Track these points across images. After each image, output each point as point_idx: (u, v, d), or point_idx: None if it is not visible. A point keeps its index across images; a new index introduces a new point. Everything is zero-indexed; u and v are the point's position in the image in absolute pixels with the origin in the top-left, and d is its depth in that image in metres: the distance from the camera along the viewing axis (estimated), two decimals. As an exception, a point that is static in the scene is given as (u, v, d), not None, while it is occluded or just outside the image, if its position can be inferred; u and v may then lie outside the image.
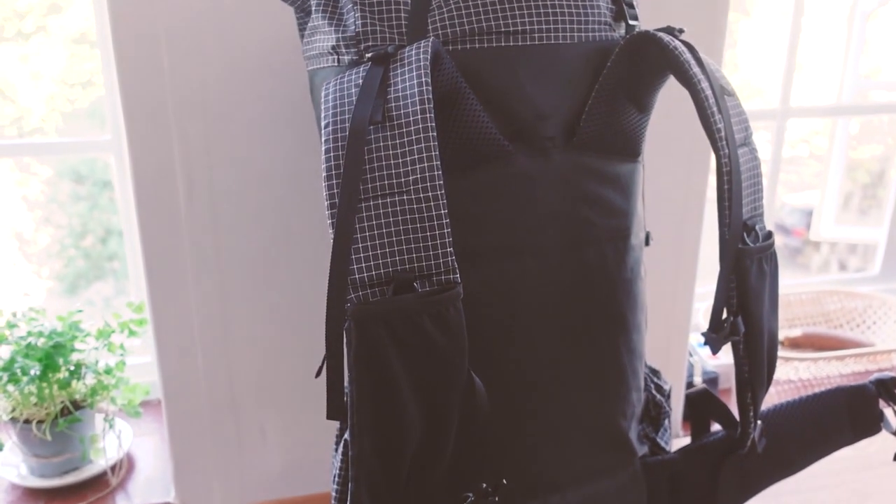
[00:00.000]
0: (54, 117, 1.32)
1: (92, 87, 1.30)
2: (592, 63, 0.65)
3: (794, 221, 4.09)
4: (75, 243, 1.51)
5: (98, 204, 1.47)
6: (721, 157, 0.61)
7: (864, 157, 2.39)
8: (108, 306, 1.56)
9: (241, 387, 0.91)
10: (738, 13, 1.97)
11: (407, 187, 0.54)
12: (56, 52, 1.25)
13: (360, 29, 0.62)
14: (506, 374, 0.66)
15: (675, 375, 1.01)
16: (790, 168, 3.33)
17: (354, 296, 0.54)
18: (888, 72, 1.70)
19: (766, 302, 0.65)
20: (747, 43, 2.09)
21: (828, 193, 1.56)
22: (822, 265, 2.90)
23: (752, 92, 2.19)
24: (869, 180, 2.47)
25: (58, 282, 1.55)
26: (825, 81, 1.65)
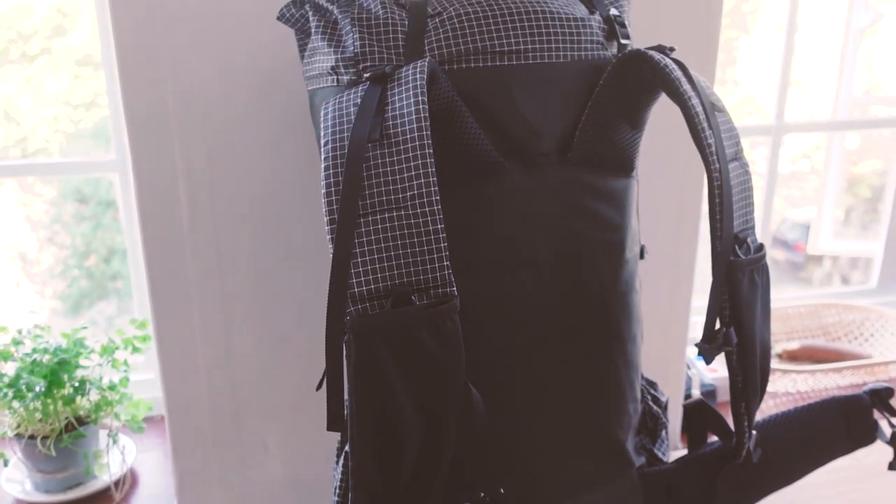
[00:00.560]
0: (58, 138, 1.34)
1: (96, 108, 1.32)
2: (585, 81, 0.66)
3: (796, 237, 4.09)
4: (79, 263, 1.52)
5: (101, 224, 1.49)
6: (712, 172, 0.63)
7: (865, 171, 2.40)
8: (112, 325, 1.57)
9: (243, 401, 0.92)
10: (737, 30, 1.99)
11: (404, 203, 0.55)
12: (60, 73, 1.28)
13: (358, 50, 0.64)
14: (502, 385, 0.67)
15: (673, 388, 1.02)
16: (792, 183, 3.34)
17: (353, 309, 0.55)
18: (884, 87, 1.72)
19: (758, 312, 0.66)
20: (747, 60, 2.11)
21: (825, 207, 1.57)
22: (823, 280, 2.90)
23: (754, 108, 2.21)
24: (870, 195, 2.48)
25: (61, 302, 1.56)
26: (821, 97, 1.67)
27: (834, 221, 1.65)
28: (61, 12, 1.24)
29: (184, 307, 0.87)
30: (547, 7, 0.65)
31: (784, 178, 3.12)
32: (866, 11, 1.61)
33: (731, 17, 1.91)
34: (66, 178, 1.40)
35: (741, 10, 1.84)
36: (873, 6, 1.61)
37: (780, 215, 3.65)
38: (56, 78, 1.27)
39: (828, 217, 1.59)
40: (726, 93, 2.31)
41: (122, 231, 1.15)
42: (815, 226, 1.62)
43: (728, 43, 2.00)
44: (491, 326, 0.66)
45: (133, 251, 1.14)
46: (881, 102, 1.59)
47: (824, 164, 1.50)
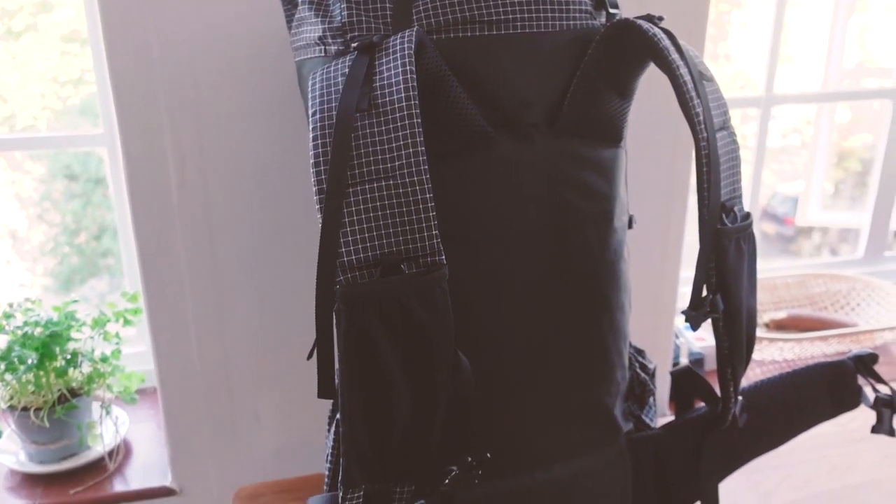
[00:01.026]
0: (46, 115, 1.33)
1: (83, 84, 1.31)
2: (574, 50, 0.66)
3: (786, 210, 4.12)
4: (69, 240, 1.52)
5: (91, 201, 1.48)
6: (700, 141, 0.63)
7: (855, 146, 2.42)
8: (103, 303, 1.57)
9: (235, 372, 0.92)
10: (729, 4, 1.98)
11: (393, 172, 0.56)
12: (47, 50, 1.26)
13: (346, 20, 0.63)
14: (491, 352, 0.68)
15: (661, 356, 1.03)
16: (782, 157, 3.35)
17: (343, 278, 0.55)
18: (875, 59, 1.72)
19: (744, 280, 0.67)
20: (739, 34, 2.10)
21: (814, 179, 1.58)
22: (812, 252, 2.92)
23: (745, 82, 2.21)
24: (861, 168, 2.49)
25: (52, 279, 1.56)
26: (812, 70, 1.67)
27: (822, 193, 1.66)
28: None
29: (175, 280, 0.87)
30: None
31: (774, 153, 3.13)
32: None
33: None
34: (55, 155, 1.39)
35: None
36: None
37: (770, 189, 3.67)
38: (43, 54, 1.26)
39: (816, 189, 1.60)
40: (718, 67, 2.30)
41: (112, 208, 1.15)
42: (803, 198, 1.63)
43: (719, 17, 1.99)
44: (479, 295, 0.67)
45: (123, 226, 1.14)
46: (871, 75, 1.59)
47: (813, 137, 1.50)
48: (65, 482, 0.97)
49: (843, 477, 0.89)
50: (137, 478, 0.98)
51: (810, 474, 0.90)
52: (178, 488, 0.96)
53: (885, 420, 0.75)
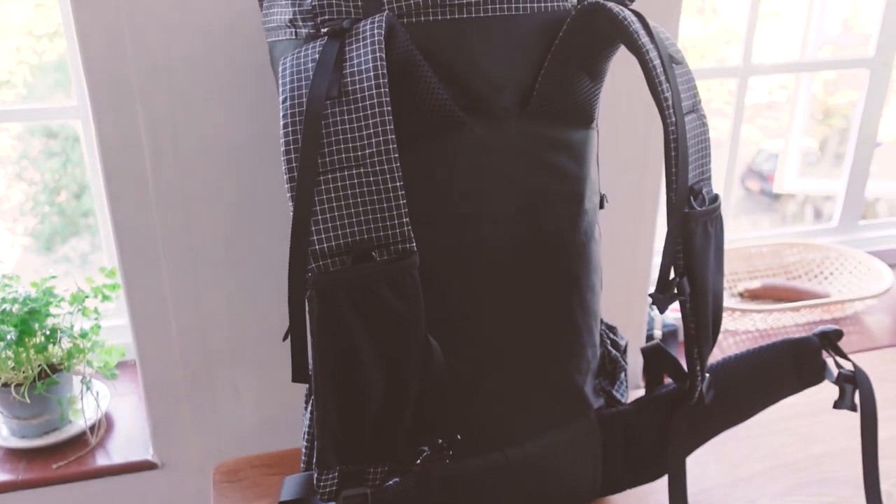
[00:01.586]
0: (22, 70, 1.31)
1: (60, 37, 1.28)
2: (545, 33, 0.67)
3: (771, 167, 4.12)
4: (49, 199, 1.51)
5: (71, 159, 1.47)
6: (668, 126, 0.63)
7: (840, 102, 2.41)
8: (85, 262, 1.57)
9: (214, 347, 0.93)
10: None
11: (363, 161, 0.56)
12: (21, 2, 1.24)
13: (315, 2, 0.63)
14: (462, 334, 0.69)
15: (634, 331, 1.05)
16: (768, 114, 3.34)
17: (315, 266, 0.56)
18: (855, 25, 1.72)
19: (711, 263, 0.68)
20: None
21: (790, 145, 1.59)
22: (796, 211, 2.94)
23: (731, 36, 2.19)
24: (845, 125, 2.49)
25: (33, 239, 1.55)
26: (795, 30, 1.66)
27: (800, 160, 1.67)
28: None
29: (151, 256, 0.88)
30: (506, -42, 0.65)
31: (760, 108, 3.12)
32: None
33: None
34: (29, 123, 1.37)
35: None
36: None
37: (755, 146, 3.66)
38: (17, 7, 1.24)
39: (793, 156, 1.61)
40: (705, 21, 2.29)
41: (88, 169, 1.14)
42: (780, 164, 1.64)
43: None
44: (451, 277, 0.68)
45: (100, 194, 1.14)
46: (854, 41, 1.59)
47: (790, 103, 1.51)
48: (47, 457, 0.99)
49: (808, 447, 0.92)
50: (119, 451, 1.00)
51: (777, 445, 0.93)
52: (159, 462, 0.98)
53: (846, 396, 0.77)
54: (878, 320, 1.29)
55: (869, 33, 1.45)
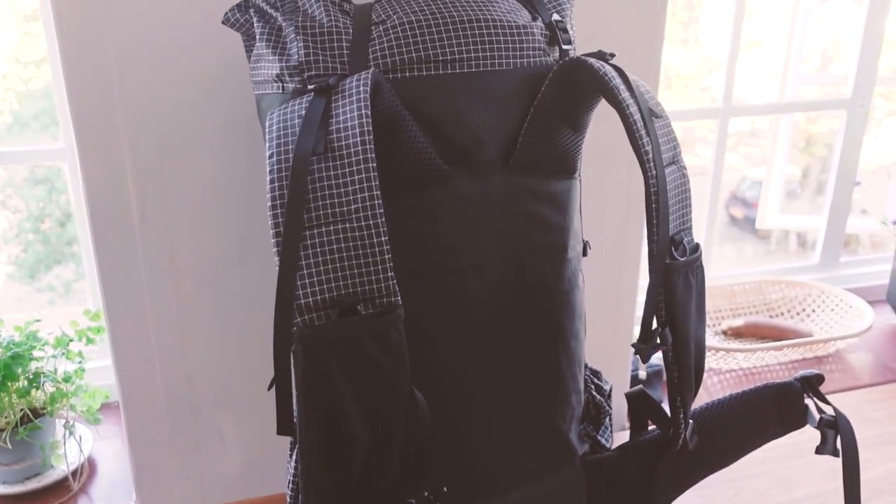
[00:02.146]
0: (9, 97, 1.31)
1: (46, 64, 1.29)
2: (528, 87, 0.68)
3: (755, 195, 4.14)
4: (34, 227, 1.50)
5: (56, 187, 1.47)
6: (649, 178, 0.65)
7: (822, 130, 2.44)
8: (69, 290, 1.55)
9: (198, 391, 0.93)
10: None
11: (349, 216, 0.57)
12: (7, 30, 1.24)
13: (303, 59, 0.64)
14: (448, 384, 0.69)
15: (618, 375, 1.05)
16: (751, 141, 3.36)
17: (300, 319, 0.56)
18: (834, 66, 1.75)
19: (692, 313, 0.69)
20: (709, 18, 2.12)
21: (772, 183, 1.61)
22: (780, 237, 2.96)
23: (714, 66, 2.22)
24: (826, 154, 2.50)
25: (17, 267, 1.54)
26: (769, 76, 1.70)
27: (782, 192, 1.69)
28: None
29: (136, 300, 0.88)
30: (490, 15, 0.66)
31: (743, 136, 3.15)
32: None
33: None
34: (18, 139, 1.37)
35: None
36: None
37: (738, 173, 3.68)
38: (3, 34, 1.24)
39: (775, 192, 1.64)
40: (688, 52, 2.32)
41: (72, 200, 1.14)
42: (762, 200, 1.66)
43: (690, 1, 2.01)
44: (436, 328, 0.68)
45: (84, 236, 1.14)
46: (831, 83, 1.62)
47: (771, 139, 1.53)
48: (29, 503, 0.97)
49: (792, 490, 0.93)
50: (102, 497, 0.99)
51: (762, 488, 0.93)
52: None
53: (828, 441, 0.78)
54: (859, 358, 1.30)
55: (846, 72, 1.48)
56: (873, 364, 1.28)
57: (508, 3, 0.69)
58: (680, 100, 2.40)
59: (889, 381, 1.23)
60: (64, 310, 1.56)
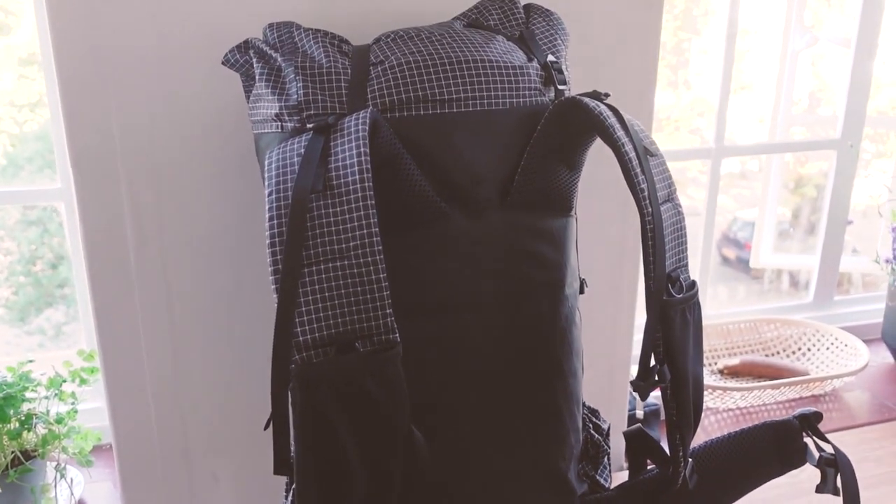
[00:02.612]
0: (2, 139, 1.31)
1: (42, 107, 1.29)
2: (524, 127, 0.69)
3: (746, 235, 4.17)
4: (25, 270, 1.49)
5: (48, 229, 1.46)
6: (645, 215, 0.65)
7: (812, 172, 2.46)
8: (60, 334, 1.54)
9: (193, 434, 0.92)
10: (688, 32, 2.03)
11: (347, 253, 0.57)
12: (3, 73, 1.25)
13: (302, 98, 0.65)
14: (446, 422, 0.69)
15: (616, 413, 1.05)
16: (742, 183, 3.40)
17: (298, 357, 0.56)
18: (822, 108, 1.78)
19: (690, 350, 0.69)
20: (698, 61, 2.16)
21: (765, 224, 1.62)
22: (773, 277, 2.97)
23: (704, 108, 2.25)
24: (816, 194, 2.52)
25: (6, 310, 1.53)
26: (759, 119, 1.72)
27: (774, 233, 1.71)
28: (4, 10, 1.22)
29: (131, 340, 0.87)
30: (486, 56, 0.67)
31: (733, 178, 3.18)
32: (802, 35, 1.67)
33: (682, 20, 1.96)
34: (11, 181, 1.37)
35: (692, 14, 1.88)
36: (809, 30, 1.67)
37: (730, 214, 3.71)
38: (0, 77, 1.25)
39: (768, 232, 1.65)
40: (678, 95, 2.36)
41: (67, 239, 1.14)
42: (755, 240, 1.67)
43: (679, 45, 2.04)
44: (434, 366, 0.68)
45: (79, 264, 1.13)
46: (819, 123, 1.65)
47: (763, 181, 1.55)
48: (17, 547, 0.96)
49: (792, 530, 0.91)
50: (92, 541, 0.97)
51: (761, 528, 0.92)
52: (134, 552, 0.95)
53: (829, 479, 0.77)
54: (856, 397, 1.30)
55: (834, 113, 1.50)
56: (870, 402, 1.28)
57: (504, 45, 0.71)
58: (671, 142, 2.42)
59: (887, 419, 1.22)
60: (54, 353, 1.54)
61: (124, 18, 0.77)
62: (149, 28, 0.78)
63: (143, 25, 0.78)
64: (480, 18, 0.75)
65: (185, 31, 0.79)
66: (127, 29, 0.78)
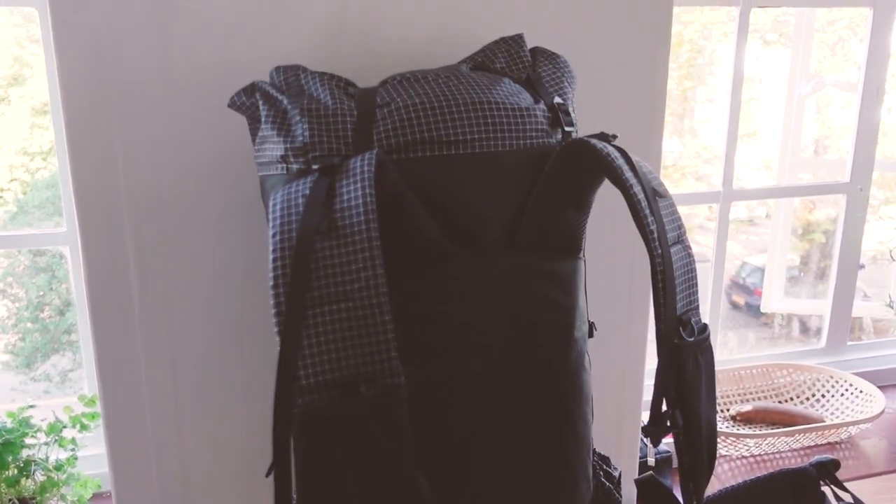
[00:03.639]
0: (14, 187, 1.32)
1: (53, 155, 1.30)
2: (531, 168, 0.68)
3: (755, 281, 4.18)
4: (32, 316, 1.49)
5: (57, 276, 1.46)
6: (654, 258, 0.64)
7: (820, 218, 2.47)
8: (65, 380, 1.54)
9: (193, 481, 0.90)
10: (693, 81, 2.05)
11: (352, 295, 0.56)
12: (17, 122, 1.26)
13: (307, 140, 0.65)
14: (453, 469, 0.67)
15: (627, 459, 1.02)
16: (749, 230, 3.41)
17: (301, 401, 0.55)
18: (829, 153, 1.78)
19: (703, 394, 0.68)
20: (703, 109, 2.18)
21: (774, 270, 1.61)
22: (783, 323, 2.96)
23: (711, 155, 2.27)
24: (824, 241, 2.53)
25: (13, 356, 1.53)
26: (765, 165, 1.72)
27: (784, 279, 1.69)
28: (19, 61, 1.24)
29: (133, 384, 0.86)
30: (493, 97, 0.67)
31: (741, 224, 3.19)
32: (808, 80, 1.68)
33: (687, 69, 1.97)
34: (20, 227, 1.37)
35: (696, 63, 1.90)
36: (815, 76, 1.68)
37: (738, 259, 3.72)
38: (13, 126, 1.26)
39: (778, 278, 1.64)
40: (684, 142, 2.38)
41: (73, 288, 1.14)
42: (766, 286, 1.66)
43: (684, 94, 2.06)
44: (441, 411, 0.67)
45: (84, 322, 1.13)
46: (825, 167, 1.65)
47: (771, 230, 1.54)
48: None
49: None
50: None
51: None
52: None
53: (848, 530, 0.75)
54: (873, 444, 1.27)
55: (840, 157, 1.50)
56: (888, 450, 1.25)
57: (511, 87, 0.71)
58: (678, 189, 2.45)
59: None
60: (59, 399, 1.54)
61: (130, 60, 0.78)
62: (154, 70, 0.78)
63: (149, 66, 0.78)
64: (487, 61, 0.75)
65: (192, 72, 0.80)
66: (133, 70, 0.78)
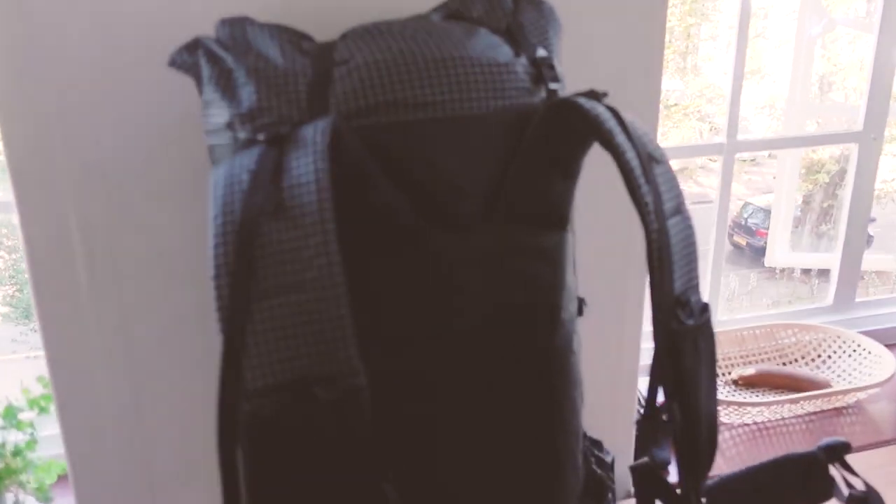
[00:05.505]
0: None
1: None
2: (511, 132, 0.60)
3: (758, 222, 4.12)
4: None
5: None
6: (650, 232, 0.57)
7: (824, 157, 2.40)
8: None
9: (156, 464, 0.85)
10: (697, 17, 1.97)
11: (304, 286, 0.49)
12: None
13: (254, 105, 0.57)
14: (430, 464, 0.62)
15: (622, 439, 0.96)
16: (753, 169, 3.36)
17: (248, 406, 0.49)
18: (835, 87, 1.69)
19: (703, 383, 0.61)
20: (707, 47, 2.10)
21: (780, 224, 1.54)
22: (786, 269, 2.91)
23: (714, 93, 2.19)
24: (828, 180, 2.46)
25: (11, 308, 1.49)
26: (770, 105, 1.64)
27: (789, 234, 1.63)
28: None
29: (86, 370, 0.80)
30: (466, 53, 0.59)
31: (745, 164, 3.11)
32: (818, 15, 1.58)
33: (690, 4, 1.88)
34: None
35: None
36: (825, 14, 1.58)
37: (741, 200, 3.67)
38: None
39: (783, 232, 1.56)
40: (687, 81, 2.28)
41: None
42: (770, 241, 1.59)
43: (687, 30, 1.97)
44: (417, 403, 0.61)
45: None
46: (836, 109, 1.56)
47: (776, 183, 1.46)
48: (-27, 591, 0.89)
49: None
50: (54, 583, 0.90)
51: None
52: None
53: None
54: (882, 409, 1.21)
55: (846, 99, 1.42)
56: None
57: (488, 38, 0.62)
58: (679, 129, 2.37)
59: (916, 435, 1.14)
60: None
61: (59, 12, 0.70)
62: (87, 23, 0.70)
63: (81, 20, 0.70)
64: (462, 9, 0.66)
65: (134, 26, 0.71)
66: (63, 22, 0.70)
